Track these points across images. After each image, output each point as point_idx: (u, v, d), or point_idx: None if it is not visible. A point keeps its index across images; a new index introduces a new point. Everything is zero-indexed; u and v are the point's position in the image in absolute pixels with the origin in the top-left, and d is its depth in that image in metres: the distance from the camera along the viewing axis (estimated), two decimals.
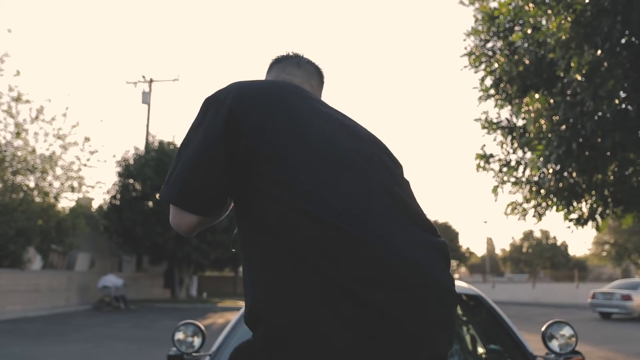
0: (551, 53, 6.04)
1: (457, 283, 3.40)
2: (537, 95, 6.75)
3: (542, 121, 6.68)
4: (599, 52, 5.71)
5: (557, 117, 6.56)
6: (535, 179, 8.30)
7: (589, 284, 37.38)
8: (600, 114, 5.97)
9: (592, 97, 5.65)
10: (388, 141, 1.45)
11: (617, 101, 5.82)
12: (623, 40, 5.85)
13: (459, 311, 3.48)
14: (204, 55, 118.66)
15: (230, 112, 1.24)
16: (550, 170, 6.82)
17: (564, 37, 5.69)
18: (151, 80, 28.85)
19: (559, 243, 61.03)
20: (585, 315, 20.45)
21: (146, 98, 27.97)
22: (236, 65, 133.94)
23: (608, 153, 6.52)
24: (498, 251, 75.73)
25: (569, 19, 5.66)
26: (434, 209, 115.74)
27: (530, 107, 6.77)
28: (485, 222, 60.42)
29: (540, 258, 59.66)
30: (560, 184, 7.05)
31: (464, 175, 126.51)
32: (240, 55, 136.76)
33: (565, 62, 5.85)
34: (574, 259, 62.25)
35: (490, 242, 66.77)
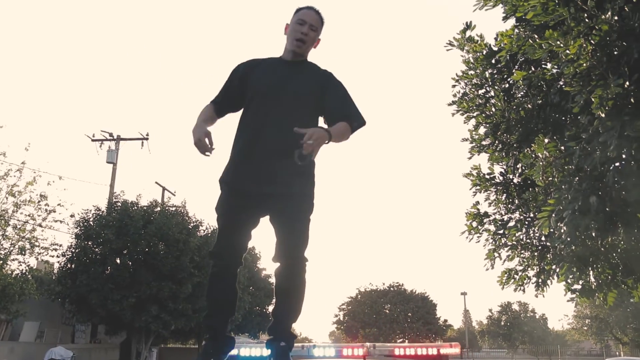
0: (567, 86, 5.10)
1: None
2: (546, 140, 5.78)
3: (551, 171, 5.68)
4: (627, 83, 4.81)
5: (571, 167, 5.58)
6: (536, 242, 7.24)
7: None
8: (624, 159, 5.04)
9: (617, 138, 4.68)
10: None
11: None
12: None
13: None
14: (170, 114, 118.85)
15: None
16: (564, 230, 5.75)
17: (584, 65, 4.77)
18: (119, 138, 27.65)
19: (537, 316, 59.54)
20: None
21: (112, 156, 26.57)
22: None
23: (629, 209, 5.52)
24: (474, 324, 73.79)
25: (592, 41, 4.76)
26: (412, 278, 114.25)
27: (540, 154, 5.79)
28: (464, 293, 58.77)
29: (519, 332, 57.89)
30: (573, 247, 5.98)
31: (442, 243, 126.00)
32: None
33: (585, 97, 4.90)
34: (553, 332, 60.70)
35: (467, 314, 64.99)
